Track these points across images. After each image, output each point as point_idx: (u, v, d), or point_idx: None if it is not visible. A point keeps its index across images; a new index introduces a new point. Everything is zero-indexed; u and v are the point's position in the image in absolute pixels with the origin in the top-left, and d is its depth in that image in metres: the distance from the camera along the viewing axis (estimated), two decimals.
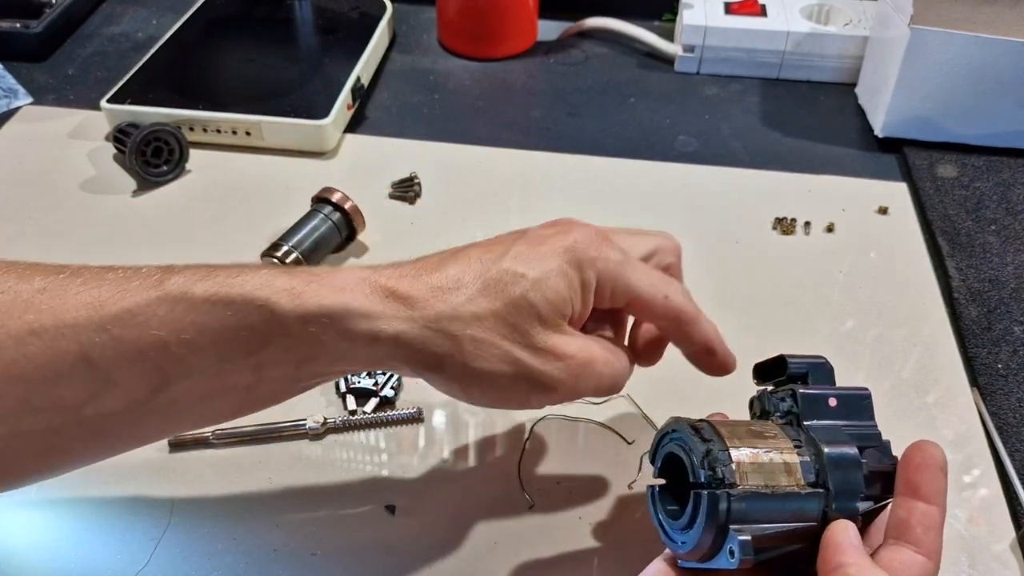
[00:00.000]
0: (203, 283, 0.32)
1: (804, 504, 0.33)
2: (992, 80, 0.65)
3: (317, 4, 0.82)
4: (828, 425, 0.36)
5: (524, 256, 0.35)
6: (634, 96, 0.76)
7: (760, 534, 0.32)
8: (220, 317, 0.31)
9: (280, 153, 0.67)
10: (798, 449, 0.34)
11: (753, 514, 0.32)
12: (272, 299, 0.31)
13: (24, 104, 0.72)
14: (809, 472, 0.33)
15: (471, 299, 0.33)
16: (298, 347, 0.32)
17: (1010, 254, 0.59)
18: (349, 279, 0.33)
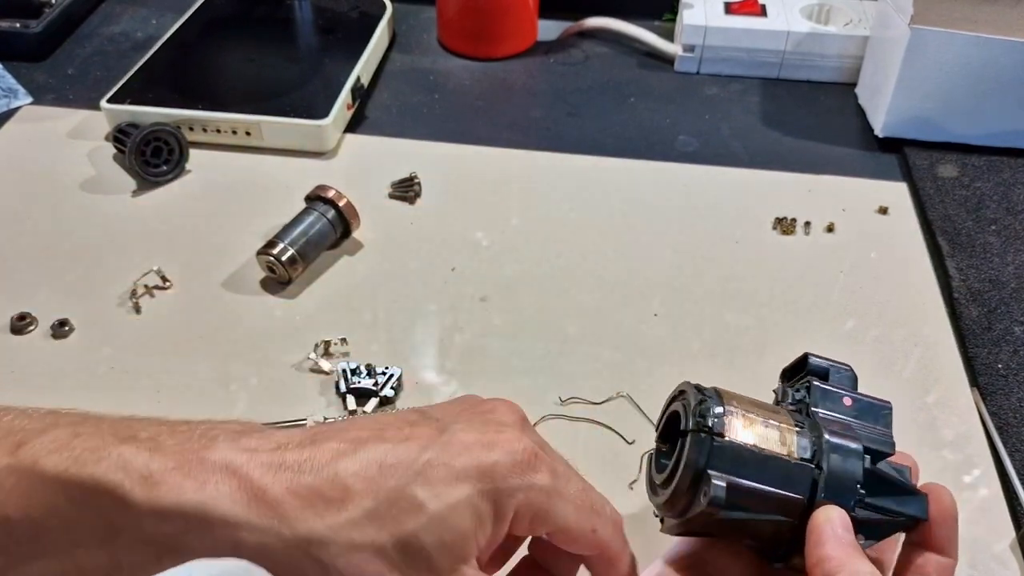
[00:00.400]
0: (56, 456, 0.27)
1: (791, 472, 0.32)
2: (992, 80, 0.65)
3: (317, 4, 0.82)
4: (838, 418, 0.35)
5: (433, 475, 0.28)
6: (634, 96, 0.76)
7: (737, 485, 0.31)
8: (70, 498, 0.27)
9: (280, 153, 0.67)
10: (799, 428, 0.34)
11: (735, 466, 0.32)
12: (125, 486, 0.27)
13: (24, 104, 0.72)
14: (804, 449, 0.33)
15: (354, 522, 0.27)
16: (155, 542, 0.27)
17: (1010, 254, 0.59)
18: (218, 467, 0.27)
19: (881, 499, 0.34)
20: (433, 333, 0.53)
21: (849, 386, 0.38)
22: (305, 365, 0.51)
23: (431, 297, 0.56)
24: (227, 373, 0.50)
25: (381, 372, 0.49)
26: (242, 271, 0.57)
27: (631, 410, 0.49)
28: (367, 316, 0.54)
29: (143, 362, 0.51)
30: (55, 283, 0.56)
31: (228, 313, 0.54)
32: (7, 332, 0.52)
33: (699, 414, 0.32)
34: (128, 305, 0.54)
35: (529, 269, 0.58)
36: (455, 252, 0.59)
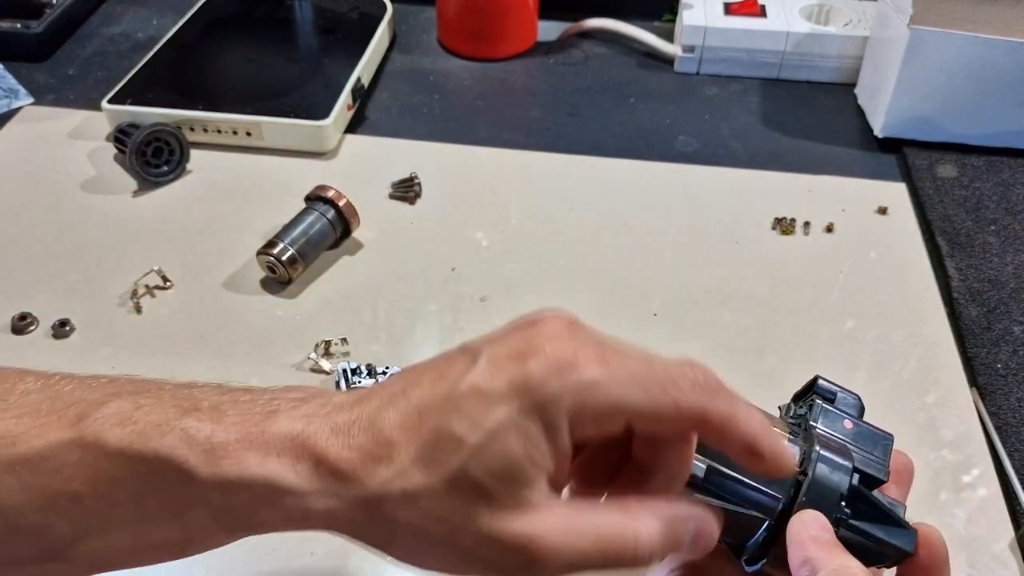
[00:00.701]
0: (119, 430, 0.27)
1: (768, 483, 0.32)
2: (992, 80, 0.65)
3: (317, 4, 0.82)
4: (834, 436, 0.35)
5: (467, 405, 0.26)
6: (634, 96, 0.76)
7: (717, 469, 0.32)
8: (135, 474, 0.27)
9: (280, 153, 0.67)
10: (791, 436, 0.34)
11: (718, 455, 0.32)
12: (189, 462, 0.27)
13: (25, 104, 0.72)
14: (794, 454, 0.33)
15: (403, 472, 0.26)
16: (223, 515, 0.28)
17: (1010, 254, 0.59)
18: (279, 438, 0.27)
19: (867, 524, 0.33)
20: (433, 333, 0.53)
21: (854, 412, 0.37)
22: (305, 365, 0.51)
23: (431, 297, 0.56)
24: (227, 373, 0.50)
25: (381, 372, 0.49)
26: (242, 271, 0.57)
27: None
28: (367, 316, 0.54)
29: (144, 362, 0.51)
30: (56, 283, 0.56)
31: (228, 313, 0.54)
32: (8, 332, 0.52)
33: None
34: (129, 305, 0.54)
35: (529, 269, 0.58)
36: (455, 252, 0.59)
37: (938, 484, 0.45)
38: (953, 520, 0.44)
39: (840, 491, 0.32)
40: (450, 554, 0.27)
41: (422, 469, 0.26)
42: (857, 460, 0.34)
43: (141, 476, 0.27)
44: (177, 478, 0.27)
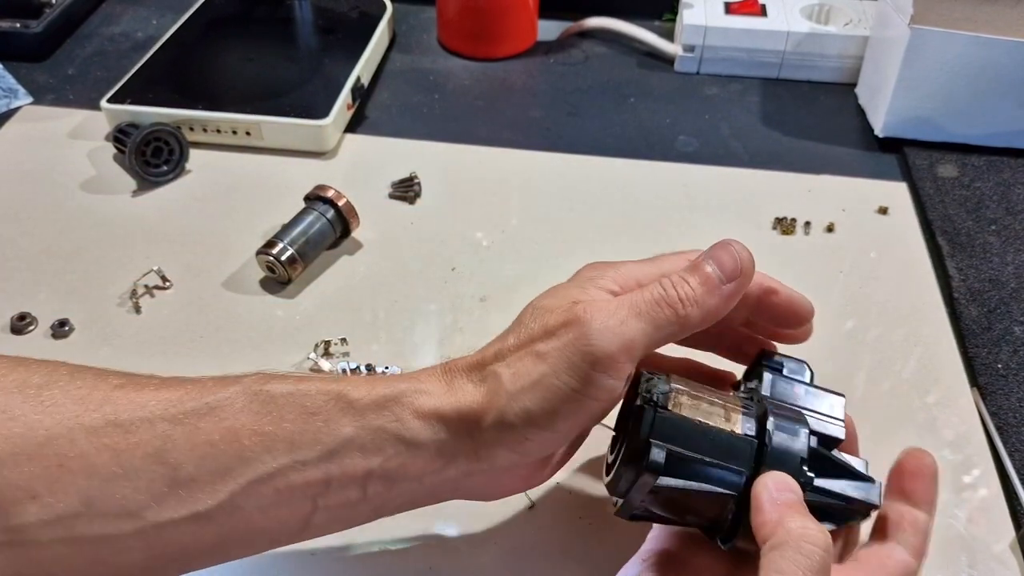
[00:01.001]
0: (279, 382, 0.32)
1: (732, 447, 0.33)
2: (992, 80, 0.65)
3: (317, 4, 0.82)
4: (788, 404, 0.36)
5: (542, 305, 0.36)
6: (634, 96, 0.76)
7: (677, 452, 0.33)
8: (296, 409, 0.31)
9: (280, 153, 0.67)
10: (745, 409, 0.35)
11: (677, 437, 0.33)
12: (346, 389, 0.32)
13: (24, 104, 0.72)
14: (749, 426, 0.34)
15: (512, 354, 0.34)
16: (369, 446, 0.32)
17: (1010, 254, 0.59)
18: (425, 369, 0.35)
19: (832, 482, 0.34)
20: (433, 333, 0.53)
21: (804, 378, 0.38)
22: (305, 365, 0.51)
23: (431, 297, 0.56)
24: (227, 373, 0.50)
25: (381, 372, 0.49)
26: (242, 271, 0.57)
27: None
28: (367, 316, 0.54)
29: (143, 362, 0.51)
30: (55, 283, 0.56)
31: (228, 313, 0.54)
32: (7, 332, 0.52)
33: (646, 391, 0.34)
34: (128, 305, 0.54)
35: (529, 269, 0.58)
36: (455, 252, 0.59)
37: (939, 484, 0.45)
38: (954, 520, 0.44)
39: (800, 456, 0.33)
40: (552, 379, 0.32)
41: (546, 340, 0.33)
42: (812, 423, 0.35)
43: (302, 409, 0.31)
44: (336, 405, 0.32)
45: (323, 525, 0.33)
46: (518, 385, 0.32)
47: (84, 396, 0.31)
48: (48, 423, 0.30)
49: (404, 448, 0.32)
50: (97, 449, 0.29)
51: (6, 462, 0.29)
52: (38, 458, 0.29)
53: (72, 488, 0.29)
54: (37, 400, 0.30)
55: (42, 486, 0.29)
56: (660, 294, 0.33)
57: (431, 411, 0.33)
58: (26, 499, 0.29)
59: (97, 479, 0.29)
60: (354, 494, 0.32)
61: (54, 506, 0.29)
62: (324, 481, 0.32)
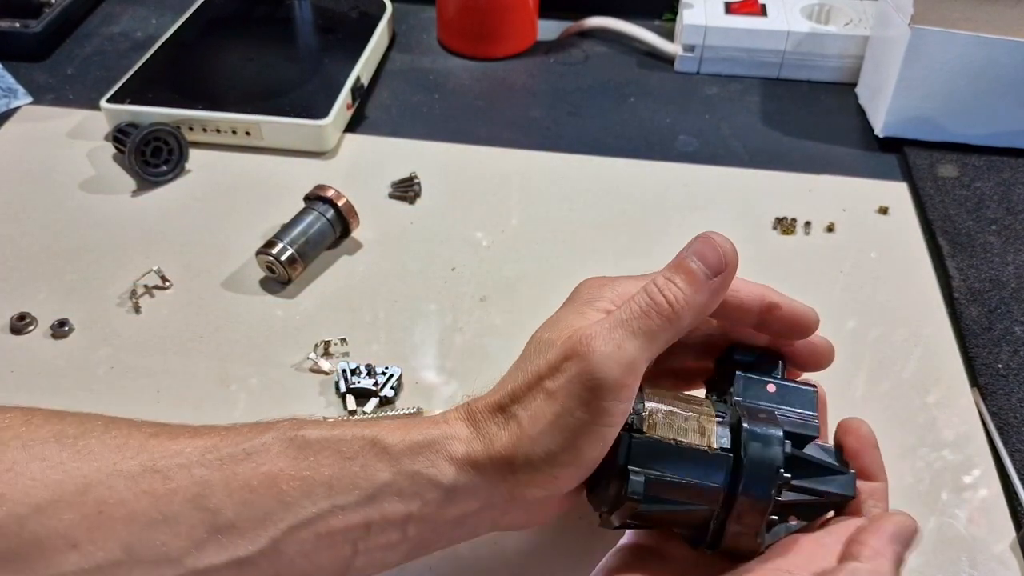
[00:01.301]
0: (313, 427, 0.32)
1: (709, 464, 0.34)
2: (993, 80, 0.65)
3: (317, 4, 0.82)
4: (760, 406, 0.36)
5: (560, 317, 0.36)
6: (634, 96, 0.76)
7: (655, 479, 0.33)
8: (333, 454, 0.32)
9: (280, 153, 0.67)
10: (719, 418, 0.35)
11: (654, 460, 0.34)
12: (381, 435, 0.32)
13: (23, 104, 0.72)
14: (724, 438, 0.34)
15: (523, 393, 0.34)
16: (407, 491, 0.32)
17: (1011, 254, 0.59)
18: (448, 412, 0.35)
19: (808, 480, 0.35)
20: (433, 333, 0.53)
21: (776, 371, 0.39)
22: (305, 365, 0.51)
23: (431, 297, 0.55)
24: (227, 373, 0.50)
25: (381, 372, 0.49)
26: (242, 271, 0.57)
27: None
28: (367, 316, 0.54)
29: (143, 362, 0.51)
30: (55, 283, 0.56)
31: (228, 313, 0.54)
32: (7, 332, 0.52)
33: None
34: (128, 305, 0.54)
35: (529, 269, 0.58)
36: (455, 252, 0.59)
37: (939, 484, 0.45)
38: (954, 520, 0.44)
39: (777, 464, 0.34)
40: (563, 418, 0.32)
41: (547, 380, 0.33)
42: (786, 423, 0.35)
43: (338, 455, 0.32)
44: (372, 450, 0.32)
45: (364, 567, 0.33)
46: (537, 428, 0.32)
47: (120, 444, 0.31)
48: (86, 470, 0.30)
49: (442, 493, 0.33)
50: (136, 495, 0.30)
51: (46, 510, 0.29)
52: (77, 505, 0.29)
53: (112, 535, 0.29)
54: (74, 449, 0.30)
55: (82, 534, 0.29)
56: (647, 303, 0.33)
57: (464, 458, 0.33)
58: (66, 548, 0.29)
59: (137, 526, 0.29)
60: (395, 536, 0.33)
61: (94, 554, 0.29)
62: (364, 525, 0.32)
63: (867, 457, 0.37)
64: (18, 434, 0.30)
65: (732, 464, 0.34)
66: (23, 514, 0.28)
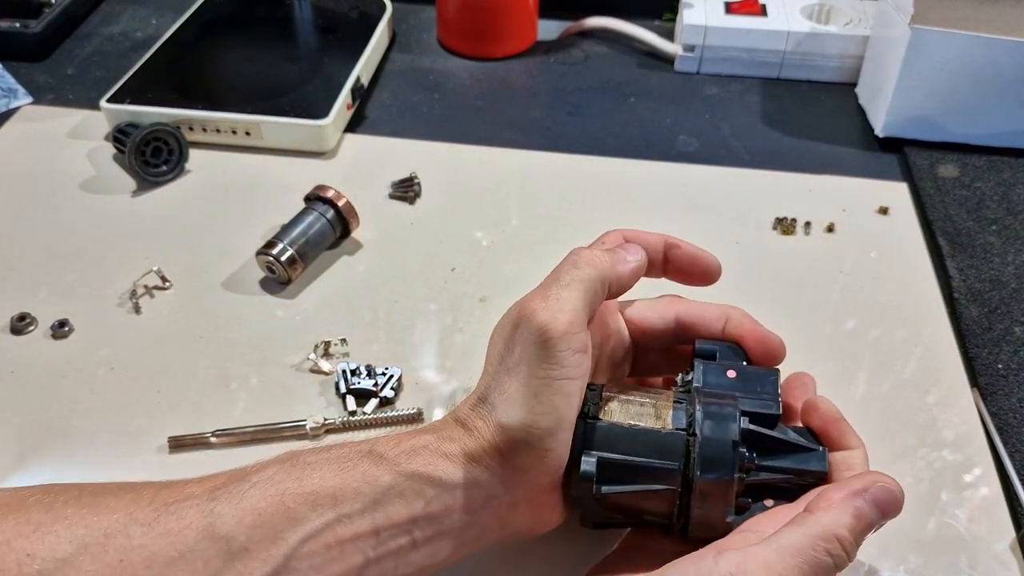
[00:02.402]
0: (310, 452, 0.34)
1: (664, 441, 0.34)
2: (993, 80, 0.65)
3: (317, 4, 0.82)
4: (719, 390, 0.37)
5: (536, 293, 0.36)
6: (634, 96, 0.76)
7: (607, 460, 0.34)
8: (334, 468, 0.33)
9: (280, 153, 0.67)
10: (677, 404, 0.36)
11: (608, 443, 0.35)
12: (377, 447, 0.34)
13: (23, 104, 0.72)
14: (680, 420, 0.35)
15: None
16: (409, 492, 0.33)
17: (1011, 254, 0.59)
18: (437, 421, 0.37)
19: (777, 460, 0.36)
20: (433, 333, 0.53)
21: (738, 359, 0.39)
22: (305, 365, 0.51)
23: (431, 297, 0.56)
24: (227, 373, 0.50)
25: (381, 372, 0.49)
26: (242, 271, 0.57)
27: None
28: (367, 316, 0.54)
29: (143, 362, 0.51)
30: (55, 283, 0.56)
31: (228, 313, 0.54)
32: (7, 332, 0.52)
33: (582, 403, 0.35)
34: (128, 305, 0.54)
35: (529, 269, 0.58)
36: (455, 252, 0.59)
37: (939, 484, 0.45)
38: (954, 520, 0.44)
39: (731, 439, 0.34)
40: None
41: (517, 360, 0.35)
42: (745, 404, 0.36)
43: (339, 468, 0.33)
44: (370, 460, 0.33)
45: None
46: (512, 405, 0.34)
47: (135, 498, 0.32)
48: (105, 523, 0.31)
49: (443, 490, 0.33)
50: (153, 539, 0.31)
51: (72, 562, 0.30)
52: (100, 555, 0.30)
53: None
54: (92, 507, 0.32)
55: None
56: (570, 260, 0.36)
57: (459, 453, 0.34)
58: None
59: (157, 567, 0.30)
60: (403, 541, 0.33)
61: None
62: (372, 532, 0.33)
63: (834, 430, 0.37)
64: (40, 500, 0.32)
65: (687, 443, 0.34)
66: (52, 569, 0.30)
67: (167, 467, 0.45)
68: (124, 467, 0.45)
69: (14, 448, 0.46)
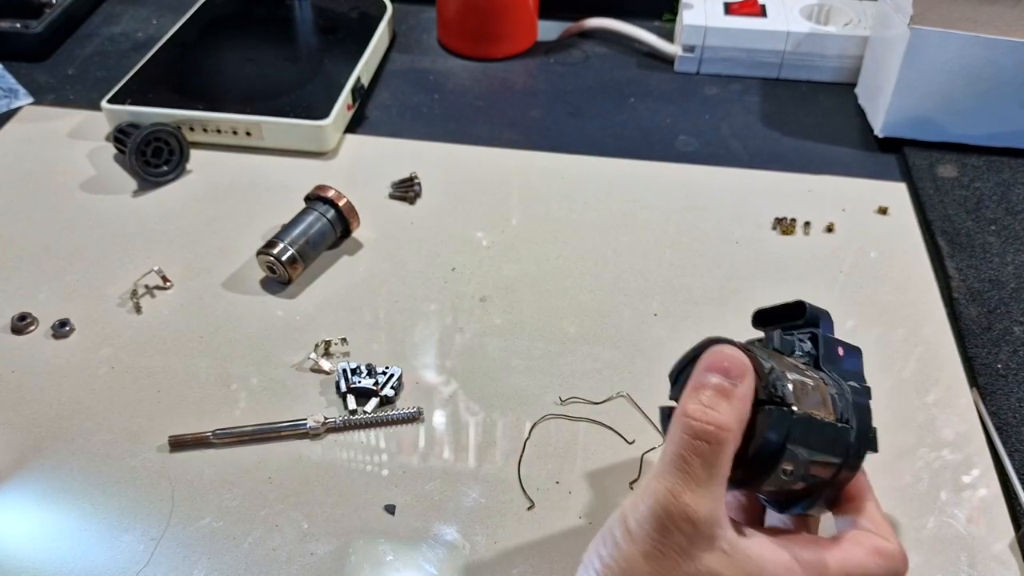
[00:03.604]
0: None
1: (838, 436, 0.34)
2: (992, 80, 0.65)
3: (317, 4, 0.82)
4: (844, 371, 0.37)
5: None
6: (634, 96, 0.76)
7: (806, 459, 0.33)
8: None
9: (280, 153, 0.67)
10: (829, 387, 0.35)
11: (804, 437, 0.33)
12: None
13: (24, 104, 0.72)
14: (840, 410, 0.35)
15: None
16: None
17: (1010, 254, 0.59)
18: None
19: None
20: (433, 333, 0.53)
21: (831, 330, 0.39)
22: (305, 365, 0.51)
23: (431, 297, 0.56)
24: (228, 373, 0.50)
25: (381, 372, 0.49)
26: (242, 271, 0.57)
27: (631, 410, 0.49)
28: (367, 316, 0.54)
29: (144, 362, 0.51)
30: (56, 283, 0.56)
31: (228, 313, 0.54)
32: (8, 332, 0.52)
33: (771, 385, 0.33)
34: (129, 305, 0.54)
35: (529, 269, 0.58)
36: (455, 252, 0.59)
37: (939, 484, 0.45)
38: (954, 520, 0.44)
39: (872, 427, 0.35)
40: None
41: None
42: (860, 391, 0.36)
43: None
44: None
45: None
46: None
47: None
48: None
49: None
50: None
51: None
52: None
53: None
54: None
55: None
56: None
57: None
58: None
59: None
60: None
61: None
62: None
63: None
64: None
65: (850, 436, 0.34)
66: None
67: (167, 466, 0.45)
68: (125, 466, 0.45)
69: (15, 448, 0.46)
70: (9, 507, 0.43)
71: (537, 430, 0.47)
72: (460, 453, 0.46)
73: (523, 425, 0.48)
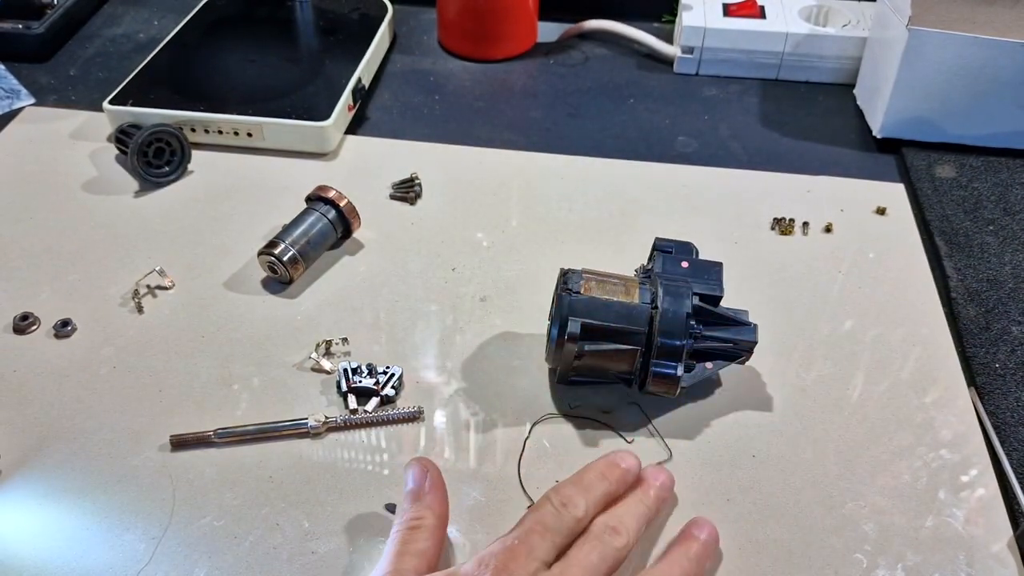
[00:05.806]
0: None
1: (633, 312, 0.44)
2: (990, 81, 0.66)
3: (318, 5, 0.82)
4: (676, 276, 0.47)
5: None
6: (634, 97, 0.77)
7: (589, 324, 0.44)
8: None
9: (281, 154, 0.68)
10: (642, 285, 0.46)
11: (589, 312, 0.44)
12: None
13: (26, 105, 0.72)
14: (645, 297, 0.45)
15: None
16: None
17: (1008, 254, 0.60)
18: None
19: (718, 330, 0.46)
20: (433, 333, 0.53)
21: (690, 255, 0.49)
22: (306, 365, 0.51)
23: (431, 297, 0.56)
24: (229, 373, 0.50)
25: (382, 372, 0.49)
26: (244, 271, 0.57)
27: (630, 409, 0.49)
28: (368, 316, 0.54)
29: (145, 362, 0.51)
30: (57, 283, 0.56)
31: (230, 313, 0.54)
32: (10, 332, 0.52)
33: (564, 282, 0.46)
34: (130, 305, 0.55)
35: (529, 269, 0.58)
36: (455, 252, 0.59)
37: (937, 484, 0.46)
38: (952, 519, 0.44)
39: (685, 311, 0.44)
40: None
41: None
42: (696, 286, 0.46)
43: None
44: None
45: None
46: None
47: None
48: None
49: None
50: None
51: None
52: None
53: None
54: None
55: None
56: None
57: None
58: None
59: None
60: None
61: None
62: None
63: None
64: None
65: (651, 314, 0.44)
66: None
67: (168, 466, 0.45)
68: (125, 466, 0.45)
69: (16, 447, 0.46)
70: (11, 506, 0.43)
71: (537, 430, 0.48)
72: (460, 452, 0.46)
73: (523, 425, 0.48)
